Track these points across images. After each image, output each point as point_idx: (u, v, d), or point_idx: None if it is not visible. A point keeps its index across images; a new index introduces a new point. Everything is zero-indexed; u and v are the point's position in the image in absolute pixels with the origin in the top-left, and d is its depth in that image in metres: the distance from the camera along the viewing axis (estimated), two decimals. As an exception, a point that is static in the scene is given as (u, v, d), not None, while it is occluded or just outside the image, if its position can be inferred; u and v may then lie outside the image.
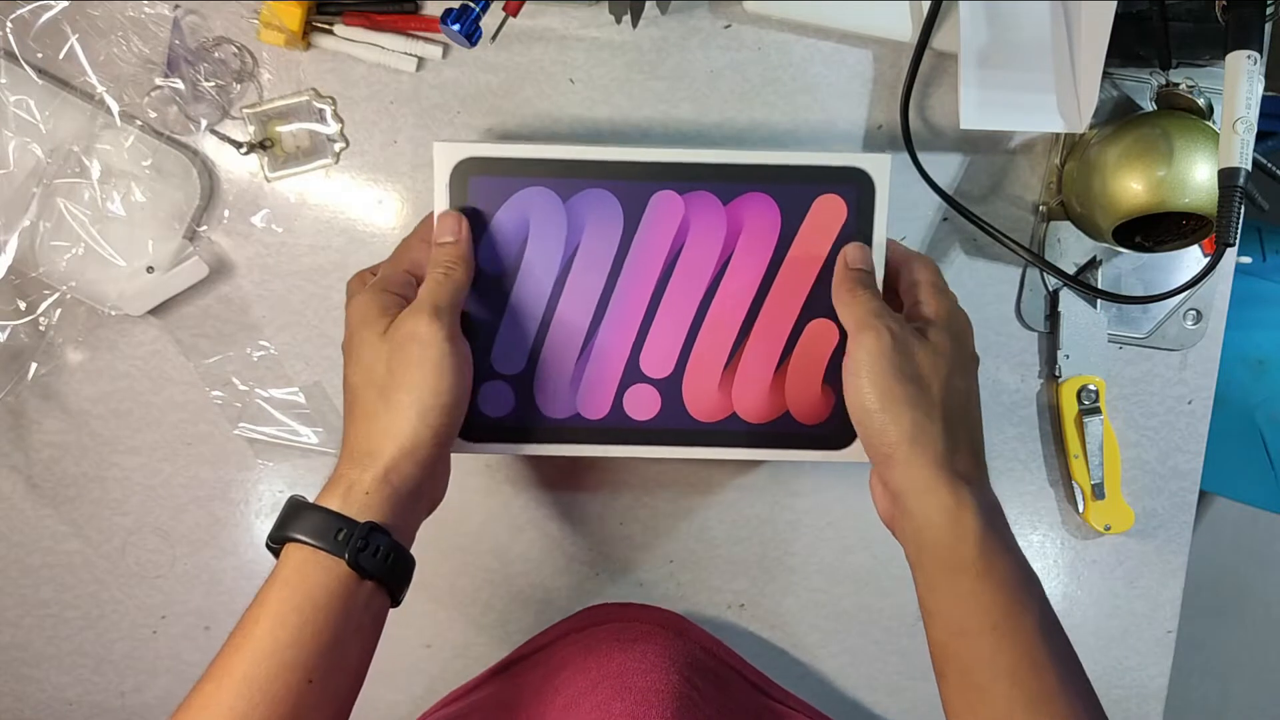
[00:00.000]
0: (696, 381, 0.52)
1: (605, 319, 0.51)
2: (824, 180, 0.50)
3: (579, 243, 0.50)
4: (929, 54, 0.57)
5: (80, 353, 0.60)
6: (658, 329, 0.51)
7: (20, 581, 0.63)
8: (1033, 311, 0.63)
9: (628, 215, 0.50)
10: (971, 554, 0.44)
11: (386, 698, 0.64)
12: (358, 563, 0.42)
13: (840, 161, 0.50)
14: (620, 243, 0.51)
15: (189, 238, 0.58)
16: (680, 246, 0.51)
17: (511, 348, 0.51)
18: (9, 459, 0.61)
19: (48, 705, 0.64)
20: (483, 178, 0.50)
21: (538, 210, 0.50)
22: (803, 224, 0.51)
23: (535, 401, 0.52)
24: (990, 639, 0.43)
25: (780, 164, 0.50)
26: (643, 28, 0.58)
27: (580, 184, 0.50)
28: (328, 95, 0.58)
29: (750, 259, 0.51)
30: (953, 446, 0.46)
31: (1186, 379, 0.64)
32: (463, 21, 0.49)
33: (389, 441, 0.45)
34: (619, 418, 0.52)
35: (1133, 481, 0.65)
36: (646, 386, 0.52)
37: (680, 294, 0.51)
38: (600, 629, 0.61)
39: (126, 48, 0.56)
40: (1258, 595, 1.58)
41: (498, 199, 0.50)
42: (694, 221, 0.50)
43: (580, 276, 0.51)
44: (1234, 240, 0.48)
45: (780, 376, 0.52)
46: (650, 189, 0.50)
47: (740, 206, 0.50)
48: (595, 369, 0.51)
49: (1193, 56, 0.55)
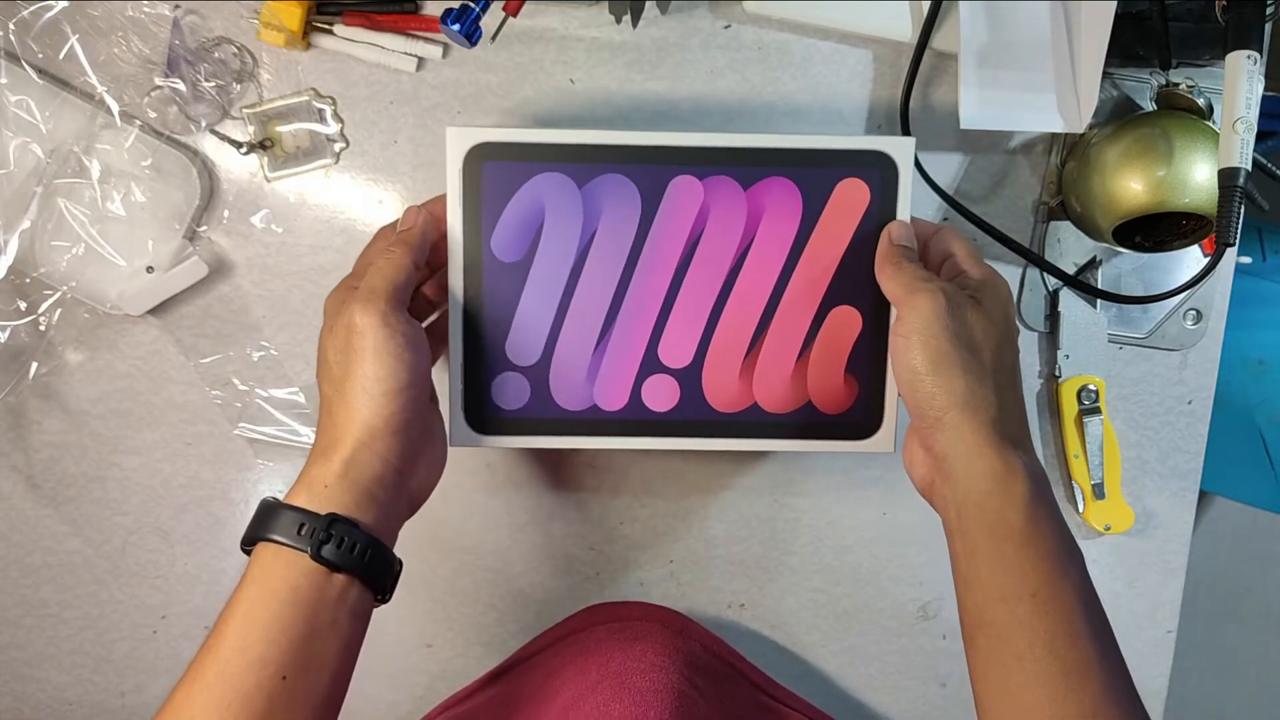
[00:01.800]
0: (716, 371, 0.51)
1: (623, 308, 0.50)
2: (846, 164, 0.49)
3: (595, 230, 0.50)
4: (929, 54, 0.57)
5: (80, 353, 0.60)
6: (676, 318, 0.51)
7: (20, 581, 0.63)
8: (1033, 311, 0.63)
9: (645, 201, 0.49)
10: (1019, 520, 0.43)
11: (386, 698, 0.64)
12: (320, 555, 0.42)
13: (863, 145, 0.49)
14: (638, 230, 0.50)
15: (189, 238, 0.58)
16: (699, 233, 0.50)
17: (526, 338, 0.50)
18: (9, 459, 0.61)
19: (48, 705, 0.64)
20: (496, 163, 0.49)
21: (553, 197, 0.49)
22: (825, 209, 0.50)
23: (551, 393, 0.51)
24: (1029, 605, 0.42)
25: (802, 148, 0.49)
26: (643, 28, 0.58)
27: (596, 169, 0.49)
28: (328, 95, 0.58)
29: (771, 245, 0.50)
30: (1003, 412, 0.45)
31: (1186, 379, 0.64)
32: (463, 21, 0.49)
33: (344, 434, 0.45)
34: (637, 409, 0.51)
35: (1133, 481, 0.65)
36: (665, 377, 0.51)
37: (700, 281, 0.50)
38: (600, 628, 0.61)
39: (126, 48, 0.56)
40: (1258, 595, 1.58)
41: (512, 185, 0.49)
42: (714, 207, 0.50)
43: (597, 264, 0.50)
44: (1234, 240, 0.48)
45: (802, 365, 0.51)
46: (669, 173, 0.49)
47: (761, 191, 0.50)
48: (612, 359, 0.51)
49: (1193, 56, 0.55)
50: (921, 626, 0.66)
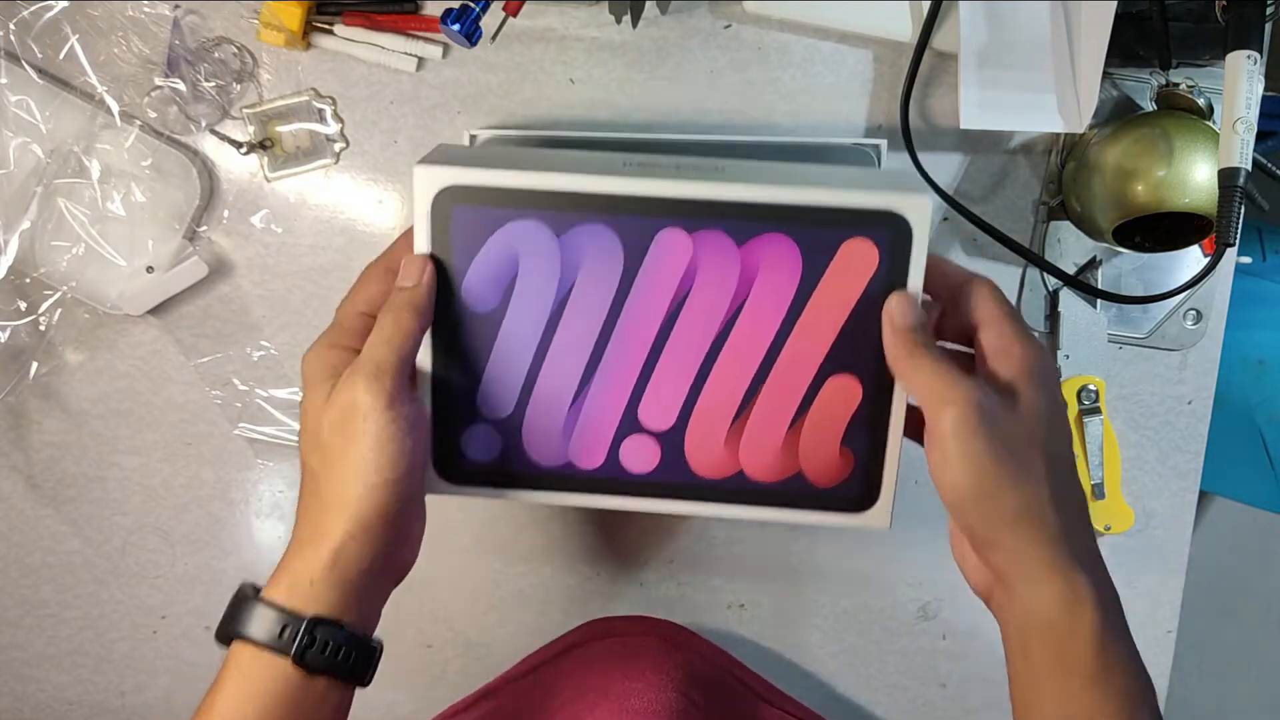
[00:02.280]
0: (700, 436, 0.47)
1: (601, 366, 0.46)
2: (853, 224, 0.44)
3: (574, 281, 0.45)
4: (929, 54, 0.57)
5: (80, 353, 0.60)
6: (659, 377, 0.46)
7: (20, 581, 0.63)
8: (1033, 311, 0.63)
9: (629, 254, 0.45)
10: (1086, 653, 0.39)
11: (386, 698, 0.64)
12: (304, 661, 0.40)
13: (873, 204, 0.43)
14: (620, 284, 0.45)
15: (189, 238, 0.58)
16: (688, 289, 0.45)
17: (498, 391, 0.47)
18: (9, 459, 0.61)
19: (48, 705, 0.64)
20: (468, 207, 0.44)
21: (528, 246, 0.45)
22: (827, 270, 0.45)
23: (524, 448, 0.47)
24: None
25: (803, 204, 0.44)
26: (643, 28, 0.58)
27: (576, 218, 0.44)
28: (328, 95, 0.58)
29: (766, 305, 0.45)
30: (1064, 526, 0.40)
31: (1186, 379, 0.64)
32: (463, 21, 0.49)
33: (334, 524, 0.41)
34: (614, 469, 0.48)
35: (1133, 481, 0.65)
36: (646, 437, 0.47)
37: (686, 341, 0.46)
38: (598, 644, 0.61)
39: (126, 48, 0.56)
40: (1258, 595, 1.58)
41: (484, 231, 0.45)
42: (704, 262, 0.45)
43: (574, 319, 0.46)
44: (1234, 240, 0.48)
45: (794, 434, 0.47)
46: (655, 225, 0.44)
47: (756, 248, 0.45)
48: (589, 417, 0.47)
49: (1193, 56, 0.55)
50: (922, 627, 0.66)
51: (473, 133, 0.55)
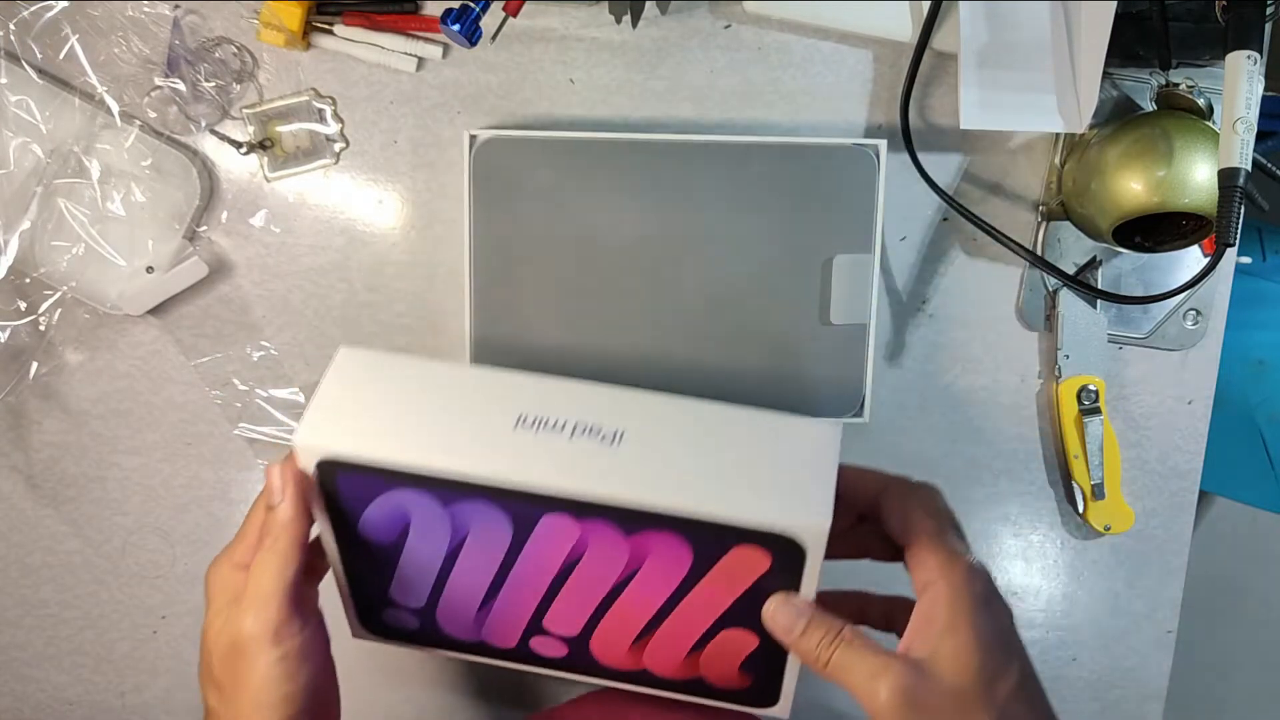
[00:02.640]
0: (604, 646, 0.48)
1: (491, 614, 0.47)
2: (744, 539, 0.41)
3: (463, 541, 0.44)
4: (929, 54, 0.57)
5: (80, 353, 0.60)
6: (553, 615, 0.47)
7: (20, 581, 0.63)
8: (1033, 311, 0.63)
9: (518, 526, 0.43)
10: None
11: (386, 698, 0.64)
12: None
13: (766, 524, 0.41)
14: (509, 550, 0.44)
15: (189, 238, 0.58)
16: (575, 562, 0.44)
17: (409, 591, 0.47)
18: (9, 459, 0.61)
19: (48, 705, 0.64)
20: (351, 476, 0.43)
21: (416, 509, 0.44)
22: (716, 565, 0.43)
23: (439, 625, 0.49)
24: None
25: (691, 517, 0.41)
26: (643, 28, 0.58)
27: (461, 495, 0.43)
28: (328, 95, 0.58)
29: (655, 581, 0.44)
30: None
31: (1186, 379, 0.64)
32: (463, 21, 0.49)
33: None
34: (525, 653, 0.49)
35: (1133, 481, 0.65)
36: (552, 639, 0.48)
37: (571, 607, 0.46)
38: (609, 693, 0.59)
39: (126, 48, 0.56)
40: (1258, 595, 1.58)
41: (370, 493, 0.43)
42: (591, 542, 0.43)
43: (464, 577, 0.46)
44: (1234, 240, 0.48)
45: (694, 658, 0.47)
46: (540, 511, 0.43)
47: (644, 540, 0.43)
48: (495, 623, 0.48)
49: (1193, 56, 0.55)
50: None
51: (473, 133, 0.55)
